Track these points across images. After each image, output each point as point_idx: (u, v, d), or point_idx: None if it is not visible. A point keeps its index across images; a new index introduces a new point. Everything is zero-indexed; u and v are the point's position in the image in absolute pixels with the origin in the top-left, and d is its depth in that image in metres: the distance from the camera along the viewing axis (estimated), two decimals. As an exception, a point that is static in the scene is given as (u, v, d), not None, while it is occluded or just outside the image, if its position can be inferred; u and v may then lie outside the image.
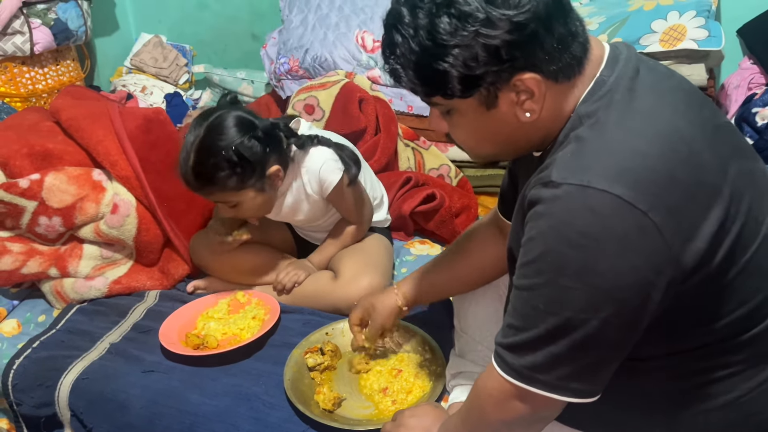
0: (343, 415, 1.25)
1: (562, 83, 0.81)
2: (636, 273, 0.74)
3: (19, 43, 2.24)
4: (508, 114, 0.82)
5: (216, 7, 2.78)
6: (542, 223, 0.77)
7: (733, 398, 0.86)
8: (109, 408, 1.36)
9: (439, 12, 0.76)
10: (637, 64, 0.84)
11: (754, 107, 1.88)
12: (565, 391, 0.80)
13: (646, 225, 0.72)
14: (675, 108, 0.81)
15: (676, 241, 0.74)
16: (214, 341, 1.44)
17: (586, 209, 0.74)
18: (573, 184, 0.74)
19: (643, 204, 0.72)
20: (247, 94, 2.67)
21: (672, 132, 0.78)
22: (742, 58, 2.09)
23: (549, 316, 0.77)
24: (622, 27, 1.92)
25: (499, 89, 0.80)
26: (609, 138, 0.78)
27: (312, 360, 1.34)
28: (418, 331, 1.39)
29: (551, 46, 0.78)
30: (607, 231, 0.73)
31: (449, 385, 1.27)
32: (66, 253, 1.64)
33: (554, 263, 0.76)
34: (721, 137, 0.84)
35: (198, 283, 1.69)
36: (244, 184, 1.41)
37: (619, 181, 0.73)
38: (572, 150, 0.79)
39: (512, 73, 0.78)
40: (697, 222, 0.75)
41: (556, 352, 0.78)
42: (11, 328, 1.61)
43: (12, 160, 1.58)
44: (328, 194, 1.54)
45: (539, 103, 0.80)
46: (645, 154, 0.76)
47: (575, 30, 0.80)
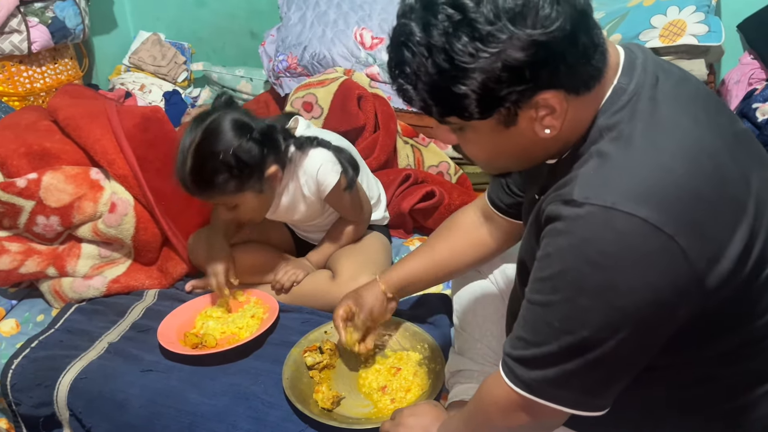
0: (341, 413, 1.25)
1: (583, 95, 0.77)
2: (657, 295, 0.72)
3: (17, 41, 2.24)
4: (527, 130, 0.78)
5: (214, 4, 2.77)
6: (561, 240, 0.74)
7: (741, 404, 0.86)
8: (108, 407, 1.35)
9: (457, 32, 0.70)
10: (655, 69, 0.81)
11: (755, 102, 1.87)
12: (573, 405, 0.80)
13: (672, 248, 0.70)
14: (696, 118, 0.78)
15: (701, 264, 0.72)
16: (213, 340, 1.43)
17: (609, 231, 0.71)
18: (596, 204, 0.72)
19: (670, 227, 0.70)
20: (245, 91, 2.66)
21: (695, 144, 0.75)
22: (742, 53, 2.08)
23: (564, 334, 0.76)
24: (621, 22, 1.92)
25: (519, 108, 0.75)
26: (633, 154, 0.74)
27: (311, 359, 1.34)
28: (417, 328, 1.39)
29: (575, 60, 0.73)
30: (631, 252, 0.71)
31: (448, 383, 1.27)
32: (64, 252, 1.64)
33: (573, 282, 0.74)
34: (741, 146, 0.82)
35: (197, 283, 1.68)
36: (243, 187, 1.40)
37: (645, 203, 0.70)
38: (594, 166, 0.76)
39: (535, 92, 0.73)
40: (724, 243, 0.73)
41: (569, 369, 0.77)
42: (10, 327, 1.61)
43: (9, 160, 1.57)
44: (326, 196, 1.54)
45: (560, 119, 0.76)
46: (670, 170, 0.73)
47: (597, 40, 0.76)
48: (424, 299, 1.55)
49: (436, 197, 1.82)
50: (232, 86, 2.69)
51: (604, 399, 0.80)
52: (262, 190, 1.44)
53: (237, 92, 2.69)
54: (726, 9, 2.09)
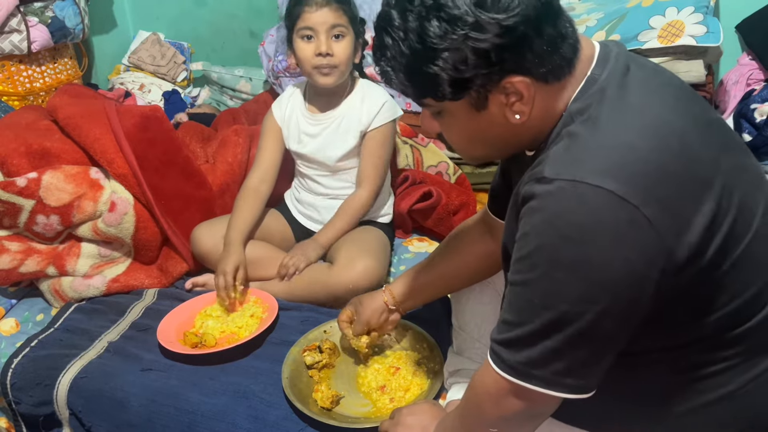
0: (341, 412, 1.25)
1: (552, 84, 0.82)
2: (629, 265, 0.74)
3: (17, 41, 2.24)
4: (498, 115, 0.83)
5: (214, 4, 2.77)
6: (536, 217, 0.77)
7: (728, 392, 0.86)
8: (108, 407, 1.36)
9: (428, 15, 0.76)
10: (627, 61, 0.85)
11: (753, 103, 1.87)
12: (560, 387, 0.80)
13: (639, 219, 0.73)
14: (665, 102, 0.82)
15: (668, 235, 0.74)
16: (212, 340, 1.44)
17: (579, 204, 0.74)
18: (565, 179, 0.75)
19: (635, 198, 0.73)
20: (245, 91, 2.67)
21: (663, 125, 0.79)
22: (740, 54, 2.08)
23: (544, 310, 0.78)
24: (620, 23, 1.92)
25: (489, 91, 0.80)
26: (600, 133, 0.78)
27: (310, 358, 1.34)
28: (415, 328, 1.39)
29: (541, 48, 0.78)
30: (600, 225, 0.74)
31: (447, 382, 1.27)
32: (64, 251, 1.64)
33: (548, 257, 0.77)
34: (713, 131, 0.84)
35: (196, 280, 1.69)
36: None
37: (611, 176, 0.74)
38: (564, 146, 0.80)
39: (502, 75, 0.79)
40: (689, 215, 0.76)
41: (552, 347, 0.78)
42: (9, 327, 1.61)
43: (9, 159, 1.58)
44: (374, 131, 1.62)
45: (528, 105, 0.81)
46: (636, 147, 0.76)
47: (565, 31, 0.81)
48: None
49: (433, 197, 1.82)
50: (231, 86, 2.69)
51: (588, 379, 0.81)
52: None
53: (236, 92, 2.69)
54: (724, 10, 2.09)
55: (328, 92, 1.66)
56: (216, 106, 2.72)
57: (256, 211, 1.67)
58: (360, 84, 1.70)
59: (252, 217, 1.66)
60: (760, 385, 0.86)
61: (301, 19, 1.58)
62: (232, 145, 1.91)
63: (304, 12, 1.57)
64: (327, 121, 1.68)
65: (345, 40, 1.58)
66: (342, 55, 1.58)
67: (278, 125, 1.73)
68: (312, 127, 1.69)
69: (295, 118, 1.72)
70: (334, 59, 1.57)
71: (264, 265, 1.64)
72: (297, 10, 1.59)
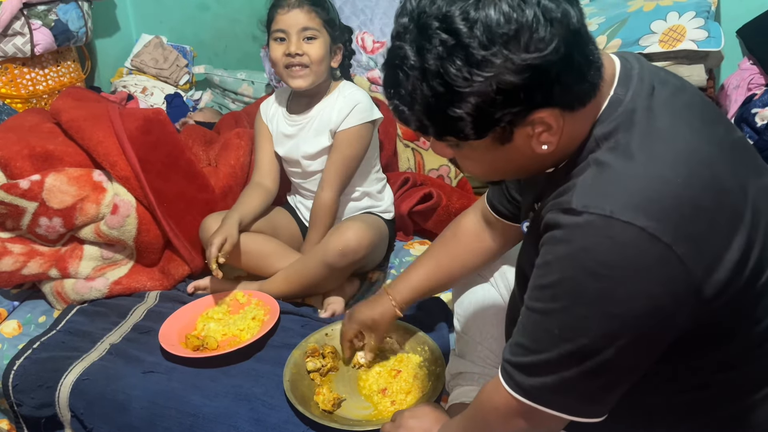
0: (342, 415, 1.25)
1: (579, 110, 0.78)
2: (655, 303, 0.73)
3: (20, 44, 2.24)
4: (523, 146, 0.79)
5: (216, 8, 2.78)
6: (560, 249, 0.75)
7: (738, 409, 0.86)
8: (110, 409, 1.36)
9: (451, 57, 0.71)
10: (651, 79, 0.81)
11: (754, 108, 1.88)
12: (571, 411, 0.80)
13: (670, 257, 0.71)
14: (692, 127, 0.79)
15: (699, 273, 0.72)
16: (214, 342, 1.44)
17: (607, 239, 0.72)
18: (595, 213, 0.72)
19: (667, 236, 0.71)
20: (247, 94, 2.67)
21: (693, 154, 0.76)
22: (741, 58, 2.09)
23: (563, 342, 0.76)
24: (621, 28, 1.92)
25: (515, 126, 0.76)
26: (630, 164, 0.75)
27: (312, 364, 1.34)
28: (417, 331, 1.40)
29: (569, 79, 0.74)
30: (629, 261, 0.71)
31: (449, 385, 1.27)
32: (66, 253, 1.64)
33: (572, 290, 0.75)
34: (738, 155, 0.82)
35: (198, 284, 1.69)
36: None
37: (642, 212, 0.71)
38: (593, 176, 0.76)
39: (530, 111, 0.74)
40: (720, 251, 0.74)
41: (568, 377, 0.77)
42: (12, 329, 1.61)
43: (13, 162, 1.58)
44: (345, 129, 1.61)
45: (557, 135, 0.77)
46: (668, 180, 0.73)
47: (592, 57, 0.77)
48: (424, 302, 1.55)
49: (434, 199, 1.82)
50: (233, 89, 2.70)
51: (603, 405, 0.81)
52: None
53: (238, 95, 2.69)
54: (725, 14, 2.10)
55: (307, 94, 1.67)
56: (218, 109, 2.72)
57: (258, 200, 1.69)
58: (339, 86, 1.69)
59: (253, 202, 1.68)
60: (758, 405, 0.86)
61: (275, 21, 1.61)
62: (234, 147, 1.91)
63: (277, 14, 1.60)
64: (303, 121, 1.69)
65: (317, 42, 1.59)
66: (313, 55, 1.58)
67: (265, 124, 1.76)
68: (289, 127, 1.71)
69: (276, 120, 1.74)
70: (305, 59, 1.58)
71: (271, 258, 1.64)
72: (271, 12, 1.62)
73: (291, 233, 1.77)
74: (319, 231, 1.66)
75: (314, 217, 1.67)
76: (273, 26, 1.61)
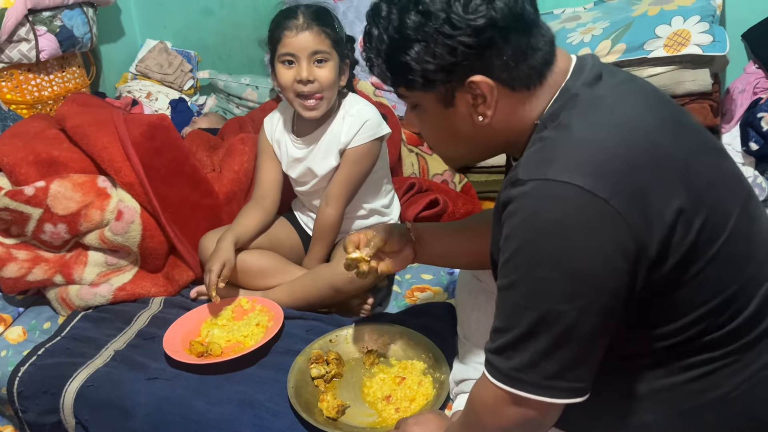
0: (346, 422, 1.25)
1: (520, 92, 0.87)
2: (605, 258, 0.76)
3: (25, 50, 2.25)
4: (465, 115, 0.89)
5: (221, 13, 2.79)
6: (515, 220, 0.80)
7: (722, 394, 0.86)
8: (114, 415, 1.36)
9: (408, 8, 0.84)
10: (600, 70, 0.89)
11: (760, 112, 1.87)
12: (553, 392, 0.81)
13: (609, 212, 0.76)
14: (636, 105, 0.86)
15: (639, 226, 0.77)
16: (218, 349, 1.44)
17: (551, 201, 0.77)
18: (537, 179, 0.78)
19: (604, 192, 0.76)
20: (251, 99, 2.68)
21: (632, 124, 0.82)
22: (747, 62, 2.08)
23: (528, 311, 0.79)
24: (626, 32, 1.92)
25: (455, 89, 0.86)
26: (570, 134, 0.82)
27: (316, 371, 1.34)
28: (421, 338, 1.39)
29: (507, 55, 0.84)
30: (573, 220, 0.77)
31: (453, 392, 1.27)
32: (71, 260, 1.65)
33: (528, 256, 0.79)
34: (684, 133, 0.87)
35: (201, 289, 1.69)
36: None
37: (579, 172, 0.77)
38: (536, 149, 0.84)
39: (466, 74, 0.84)
40: (658, 209, 0.78)
41: (540, 349, 0.80)
42: (17, 335, 1.62)
43: (17, 168, 1.58)
44: (353, 148, 1.57)
45: (491, 108, 0.87)
46: (604, 144, 0.80)
47: (536, 44, 0.86)
48: (428, 308, 1.55)
49: (440, 205, 1.82)
50: (237, 94, 2.70)
51: (580, 382, 0.82)
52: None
53: (243, 100, 2.70)
54: (731, 18, 2.09)
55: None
56: (222, 114, 2.73)
57: (256, 219, 1.67)
58: (344, 102, 1.64)
59: (251, 223, 1.66)
60: (753, 386, 0.86)
61: (282, 44, 1.52)
62: (238, 153, 1.92)
63: (284, 36, 1.51)
64: (312, 144, 1.65)
65: (328, 65, 1.52)
66: (325, 80, 1.52)
67: (270, 145, 1.72)
68: (298, 151, 1.67)
69: (284, 142, 1.69)
70: (315, 85, 1.52)
71: (272, 274, 1.64)
72: (277, 34, 1.53)
73: (291, 245, 1.76)
74: (322, 246, 1.65)
75: (317, 232, 1.66)
76: (280, 49, 1.53)
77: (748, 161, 1.91)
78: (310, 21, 1.51)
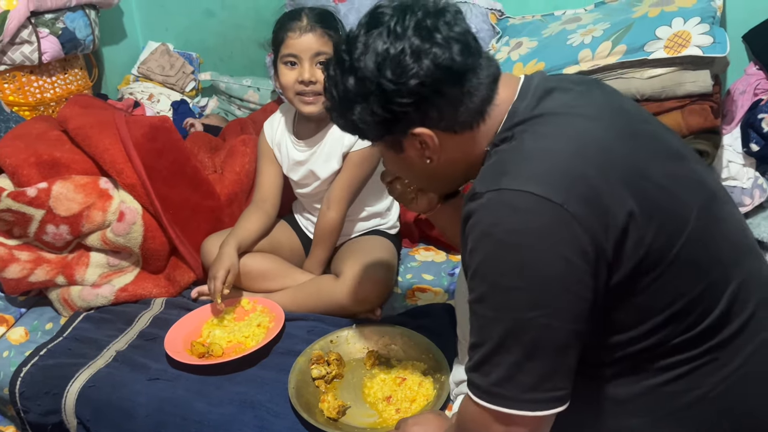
0: (347, 423, 1.25)
1: (464, 133, 0.92)
2: (567, 262, 0.77)
3: (28, 52, 2.26)
4: (416, 158, 0.95)
5: (222, 15, 2.79)
6: (475, 232, 0.81)
7: (703, 393, 0.87)
8: (115, 416, 1.36)
9: (347, 72, 0.90)
10: (547, 86, 0.92)
11: (760, 113, 1.87)
12: (534, 405, 0.81)
13: (565, 216, 0.78)
14: (587, 117, 0.88)
15: (595, 230, 0.78)
16: (219, 349, 1.44)
17: (507, 209, 0.79)
18: (492, 190, 0.81)
19: (558, 197, 0.78)
20: (252, 101, 2.68)
21: (582, 134, 0.85)
22: (747, 63, 2.08)
23: (498, 322, 0.80)
24: (626, 34, 1.92)
25: (400, 138, 0.93)
26: (522, 146, 0.85)
27: (317, 371, 1.34)
28: (422, 339, 1.39)
29: (443, 107, 0.88)
30: (530, 226, 0.78)
31: (453, 393, 1.27)
32: (73, 261, 1.65)
33: (492, 267, 0.80)
34: (637, 141, 0.88)
35: (202, 289, 1.69)
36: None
37: (532, 180, 0.79)
38: (491, 164, 0.87)
39: (407, 127, 0.90)
40: (612, 213, 0.79)
41: (513, 361, 0.80)
42: (19, 335, 1.62)
43: (20, 169, 1.59)
44: (357, 151, 1.59)
45: (437, 152, 0.93)
46: (554, 153, 0.82)
47: (473, 89, 0.89)
48: (428, 309, 1.55)
49: (441, 206, 1.82)
50: (239, 96, 2.71)
51: (556, 391, 0.81)
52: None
53: (244, 102, 2.70)
54: (731, 20, 2.09)
55: (315, 118, 1.62)
56: (224, 115, 2.74)
57: (258, 223, 1.67)
58: None
59: (253, 227, 1.66)
60: (732, 384, 0.87)
61: (285, 45, 1.53)
62: (239, 154, 1.92)
63: (288, 38, 1.52)
64: (314, 147, 1.65)
65: None
66: None
67: (270, 148, 1.72)
68: (300, 154, 1.67)
69: (285, 144, 1.70)
70: (318, 86, 1.52)
71: (273, 277, 1.64)
72: (281, 35, 1.55)
73: (292, 248, 1.76)
74: (324, 249, 1.65)
75: (319, 235, 1.66)
76: (283, 50, 1.54)
77: (749, 162, 1.91)
78: (313, 23, 1.52)
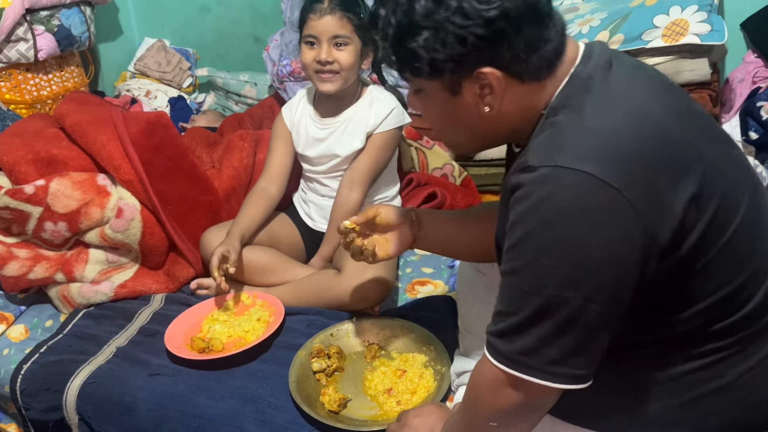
0: (348, 416, 1.25)
1: (529, 83, 0.85)
2: (612, 248, 0.75)
3: (23, 50, 2.26)
4: (471, 104, 0.86)
5: (218, 10, 2.79)
6: (522, 206, 0.79)
7: (724, 384, 0.86)
8: (116, 411, 1.36)
9: None
10: (609, 56, 0.87)
11: (759, 101, 1.87)
12: (555, 377, 0.80)
13: (620, 201, 0.75)
14: (646, 93, 0.85)
15: (649, 217, 0.76)
16: (220, 344, 1.44)
17: (560, 188, 0.76)
18: (547, 165, 0.77)
19: (616, 181, 0.74)
20: (250, 96, 2.68)
21: (644, 114, 0.81)
22: (746, 52, 2.08)
23: (533, 296, 0.79)
24: (624, 23, 1.92)
25: (462, 78, 0.84)
26: (582, 121, 0.81)
27: (317, 365, 1.34)
28: (422, 330, 1.39)
29: (519, 47, 0.81)
30: (582, 208, 0.75)
31: (454, 384, 1.27)
32: (72, 257, 1.65)
33: (534, 242, 0.78)
34: (693, 121, 0.86)
35: (201, 281, 1.69)
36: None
37: (591, 160, 0.76)
38: (547, 135, 0.82)
39: (475, 65, 0.82)
40: (670, 199, 0.77)
41: (543, 334, 0.79)
42: (19, 333, 1.62)
43: (17, 167, 1.59)
44: (379, 133, 1.64)
45: (499, 99, 0.84)
46: (617, 134, 0.78)
47: (548, 36, 0.83)
48: (429, 302, 1.55)
49: (438, 198, 1.82)
50: (236, 91, 2.70)
51: (582, 369, 0.81)
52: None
53: (242, 97, 2.70)
54: (729, 8, 2.09)
55: (336, 96, 1.66)
56: (221, 111, 2.73)
57: (261, 210, 1.68)
58: (369, 89, 1.70)
59: (257, 214, 1.67)
60: (754, 377, 0.86)
61: (306, 26, 1.59)
62: (237, 149, 1.92)
63: (309, 19, 1.58)
64: (335, 124, 1.68)
65: (348, 49, 1.58)
66: (344, 62, 1.58)
67: (288, 129, 1.74)
68: (320, 131, 1.70)
69: (305, 123, 1.72)
70: (335, 66, 1.58)
71: (272, 271, 1.64)
72: (303, 15, 1.61)
73: (291, 242, 1.76)
74: None
75: (338, 216, 1.64)
76: (305, 30, 1.60)
77: (748, 151, 1.91)
78: (334, 6, 1.56)
